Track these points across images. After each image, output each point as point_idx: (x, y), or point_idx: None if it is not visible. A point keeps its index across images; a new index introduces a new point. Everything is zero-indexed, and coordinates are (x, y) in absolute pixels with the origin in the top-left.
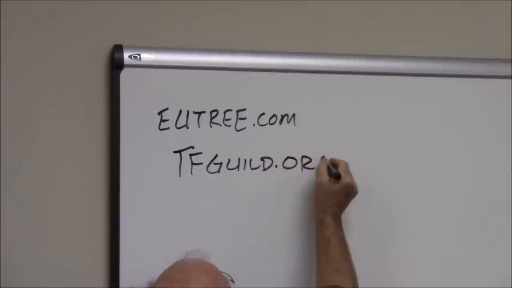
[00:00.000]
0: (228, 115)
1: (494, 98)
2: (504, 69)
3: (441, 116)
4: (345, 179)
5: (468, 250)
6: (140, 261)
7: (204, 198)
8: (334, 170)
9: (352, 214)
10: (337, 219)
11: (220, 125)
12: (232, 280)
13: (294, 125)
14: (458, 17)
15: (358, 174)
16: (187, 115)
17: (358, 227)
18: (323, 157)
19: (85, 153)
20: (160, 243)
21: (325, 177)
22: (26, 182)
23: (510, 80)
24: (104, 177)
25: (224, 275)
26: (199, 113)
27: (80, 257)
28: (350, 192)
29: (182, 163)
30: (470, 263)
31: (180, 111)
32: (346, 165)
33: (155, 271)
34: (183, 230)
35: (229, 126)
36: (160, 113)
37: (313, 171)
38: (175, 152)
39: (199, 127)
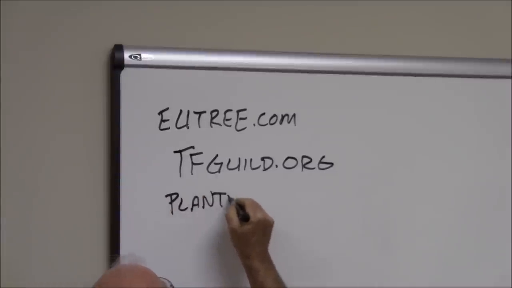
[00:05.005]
0: (228, 115)
1: (494, 98)
2: (504, 69)
3: (441, 116)
4: (255, 217)
5: (467, 250)
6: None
7: None
8: (241, 212)
9: (352, 214)
10: (264, 258)
11: (221, 125)
12: (172, 286)
13: (295, 125)
14: (458, 17)
15: (358, 173)
16: (188, 115)
17: (358, 227)
18: (230, 199)
19: (85, 153)
20: (160, 243)
21: (235, 222)
22: (26, 183)
23: (510, 80)
24: (104, 177)
25: (162, 279)
26: (200, 113)
27: (80, 257)
28: (265, 227)
29: (182, 163)
30: (470, 263)
31: (181, 111)
32: (252, 202)
33: (155, 272)
34: (183, 230)
35: (230, 126)
36: (160, 113)
37: (313, 171)
38: (175, 152)
39: (199, 127)
